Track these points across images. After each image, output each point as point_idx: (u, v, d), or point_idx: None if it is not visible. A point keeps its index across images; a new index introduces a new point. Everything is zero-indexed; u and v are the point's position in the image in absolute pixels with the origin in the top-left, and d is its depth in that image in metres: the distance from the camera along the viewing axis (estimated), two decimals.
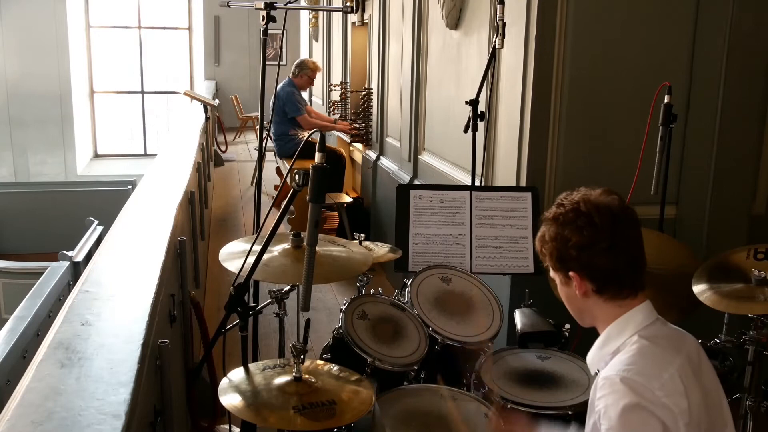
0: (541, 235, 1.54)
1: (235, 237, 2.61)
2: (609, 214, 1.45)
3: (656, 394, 1.33)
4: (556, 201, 1.54)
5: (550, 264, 1.53)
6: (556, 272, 1.53)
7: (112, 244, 2.48)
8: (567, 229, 1.46)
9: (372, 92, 5.89)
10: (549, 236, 1.51)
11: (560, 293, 1.57)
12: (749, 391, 2.28)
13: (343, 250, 2.22)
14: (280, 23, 2.82)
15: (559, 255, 1.49)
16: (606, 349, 1.49)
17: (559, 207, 1.51)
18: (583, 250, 1.45)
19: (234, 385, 1.78)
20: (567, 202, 1.50)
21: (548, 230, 1.51)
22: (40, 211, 8.59)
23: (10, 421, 1.24)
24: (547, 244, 1.51)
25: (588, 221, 1.44)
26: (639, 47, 2.97)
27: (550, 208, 1.54)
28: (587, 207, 1.46)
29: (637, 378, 1.34)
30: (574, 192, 1.52)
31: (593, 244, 1.44)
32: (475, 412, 1.99)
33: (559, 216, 1.49)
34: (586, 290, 1.48)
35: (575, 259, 1.46)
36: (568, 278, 1.49)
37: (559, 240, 1.48)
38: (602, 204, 1.46)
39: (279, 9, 2.69)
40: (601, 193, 1.49)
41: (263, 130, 2.87)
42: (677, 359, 1.40)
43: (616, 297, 1.47)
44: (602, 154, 3.02)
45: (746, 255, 2.30)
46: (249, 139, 12.18)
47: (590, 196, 1.48)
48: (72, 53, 12.84)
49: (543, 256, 1.55)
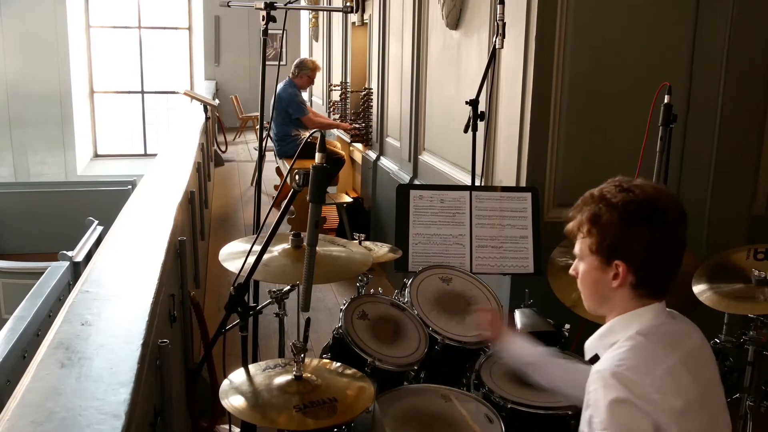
0: (594, 214, 1.43)
1: (235, 237, 2.61)
2: (680, 216, 1.41)
3: (646, 390, 1.32)
4: (616, 184, 1.44)
5: (594, 246, 1.44)
6: (596, 255, 1.44)
7: (112, 244, 2.48)
8: (637, 220, 1.38)
9: (372, 92, 5.90)
10: (607, 220, 1.40)
11: (585, 275, 1.49)
12: (749, 391, 2.29)
13: (343, 250, 2.22)
14: (280, 23, 2.82)
15: (614, 242, 1.41)
16: (606, 339, 1.48)
17: (627, 193, 1.40)
18: (647, 246, 1.39)
19: (235, 386, 1.78)
20: (639, 191, 1.40)
21: (607, 213, 1.41)
22: (40, 211, 8.60)
23: (10, 421, 1.24)
24: (602, 227, 1.41)
25: (663, 220, 1.38)
26: (639, 47, 2.97)
27: (607, 189, 1.44)
28: (664, 204, 1.40)
29: (628, 374, 1.34)
30: (635, 180, 1.44)
31: (661, 243, 1.39)
32: (475, 412, 1.99)
33: (629, 203, 1.39)
34: (624, 282, 1.43)
35: (635, 251, 1.39)
36: (608, 265, 1.43)
37: (623, 227, 1.39)
38: (676, 204, 1.41)
39: (279, 9, 2.69)
40: (668, 192, 1.43)
41: (263, 130, 2.87)
42: (673, 356, 1.39)
43: (647, 295, 1.44)
44: (602, 154, 3.02)
45: (746, 255, 2.30)
46: (249, 139, 12.18)
47: (663, 192, 1.42)
48: (72, 53, 12.85)
49: (583, 235, 1.46)
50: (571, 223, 1.50)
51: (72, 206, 8.25)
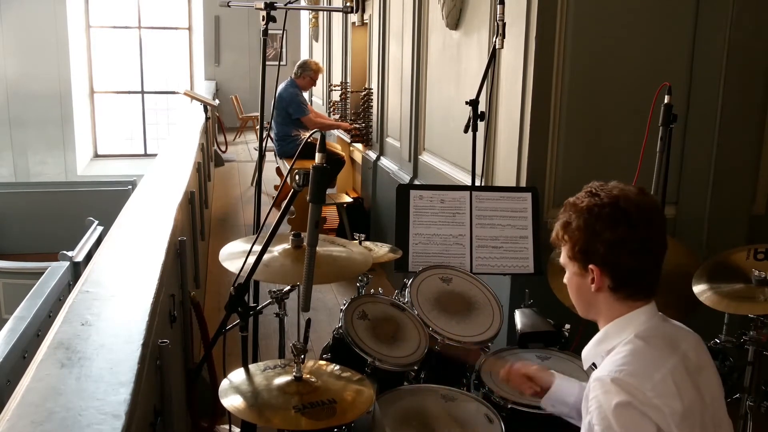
0: (565, 221, 1.48)
1: (235, 237, 2.61)
2: (646, 216, 1.41)
3: (647, 395, 1.32)
4: (588, 189, 1.47)
5: (569, 253, 1.48)
6: (574, 261, 1.48)
7: (112, 244, 2.48)
8: (600, 222, 1.41)
9: (372, 92, 5.89)
10: (577, 225, 1.45)
11: (569, 282, 1.53)
12: (749, 391, 2.28)
13: (343, 251, 2.22)
14: (280, 23, 2.82)
15: (584, 246, 1.44)
16: (602, 346, 1.48)
17: (593, 197, 1.44)
18: (613, 248, 1.41)
19: (235, 386, 1.78)
20: (604, 194, 1.43)
21: (577, 219, 1.45)
22: (40, 211, 8.59)
23: (10, 421, 1.24)
24: (573, 233, 1.46)
25: (625, 219, 1.40)
26: (639, 47, 2.97)
27: (579, 195, 1.48)
28: (626, 204, 1.41)
29: (629, 379, 1.34)
30: (608, 184, 1.46)
31: (625, 243, 1.40)
32: (475, 412, 1.99)
33: (593, 207, 1.43)
34: (602, 286, 1.44)
35: (601, 254, 1.42)
36: (586, 270, 1.45)
37: (588, 231, 1.43)
38: (641, 204, 1.42)
39: (279, 9, 2.69)
40: (638, 192, 1.45)
41: (263, 130, 2.86)
42: (671, 359, 1.39)
43: (629, 297, 1.45)
44: (602, 154, 3.02)
45: (746, 255, 2.30)
46: (249, 139, 12.19)
47: (629, 193, 1.43)
48: (72, 53, 12.85)
49: (562, 243, 1.50)
50: (553, 233, 1.54)
51: (72, 206, 8.25)
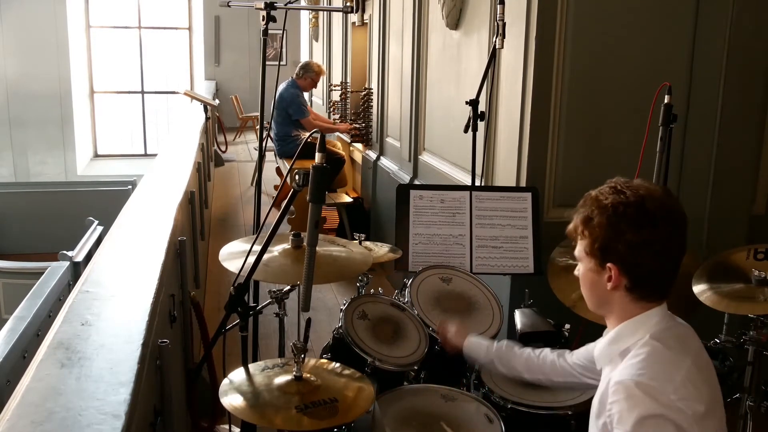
0: (586, 216, 1.45)
1: (235, 237, 2.61)
2: (671, 218, 1.39)
3: (671, 398, 1.31)
4: (612, 185, 1.44)
5: (588, 248, 1.45)
6: (591, 257, 1.45)
7: (112, 244, 2.48)
8: (624, 222, 1.38)
9: (372, 92, 5.89)
10: (599, 222, 1.41)
11: (583, 277, 1.51)
12: (749, 391, 2.28)
13: (343, 250, 2.22)
14: (280, 23, 2.82)
15: (604, 244, 1.41)
16: (616, 346, 1.47)
17: (618, 194, 1.41)
18: (635, 248, 1.38)
19: (235, 386, 1.78)
20: (630, 193, 1.40)
21: (600, 215, 1.41)
22: (40, 211, 8.59)
23: (10, 421, 1.24)
24: (594, 229, 1.42)
25: (650, 221, 1.37)
26: (639, 47, 2.97)
27: (602, 190, 1.45)
28: (653, 206, 1.38)
29: (652, 383, 1.33)
30: (633, 182, 1.44)
31: (648, 244, 1.38)
32: (475, 412, 1.99)
33: (618, 205, 1.39)
34: (618, 284, 1.43)
35: (622, 253, 1.39)
36: (603, 268, 1.43)
37: (611, 230, 1.40)
38: (667, 206, 1.40)
39: (279, 9, 2.70)
40: (664, 192, 1.43)
41: (263, 130, 2.87)
42: (687, 360, 1.39)
43: (644, 298, 1.44)
44: (602, 154, 3.02)
45: (746, 255, 2.30)
46: (249, 139, 12.19)
47: (655, 193, 1.41)
48: (72, 53, 12.84)
49: (579, 237, 1.47)
50: (570, 225, 1.51)
51: (72, 206, 8.24)
